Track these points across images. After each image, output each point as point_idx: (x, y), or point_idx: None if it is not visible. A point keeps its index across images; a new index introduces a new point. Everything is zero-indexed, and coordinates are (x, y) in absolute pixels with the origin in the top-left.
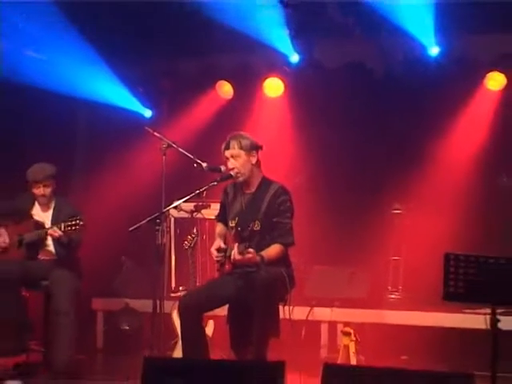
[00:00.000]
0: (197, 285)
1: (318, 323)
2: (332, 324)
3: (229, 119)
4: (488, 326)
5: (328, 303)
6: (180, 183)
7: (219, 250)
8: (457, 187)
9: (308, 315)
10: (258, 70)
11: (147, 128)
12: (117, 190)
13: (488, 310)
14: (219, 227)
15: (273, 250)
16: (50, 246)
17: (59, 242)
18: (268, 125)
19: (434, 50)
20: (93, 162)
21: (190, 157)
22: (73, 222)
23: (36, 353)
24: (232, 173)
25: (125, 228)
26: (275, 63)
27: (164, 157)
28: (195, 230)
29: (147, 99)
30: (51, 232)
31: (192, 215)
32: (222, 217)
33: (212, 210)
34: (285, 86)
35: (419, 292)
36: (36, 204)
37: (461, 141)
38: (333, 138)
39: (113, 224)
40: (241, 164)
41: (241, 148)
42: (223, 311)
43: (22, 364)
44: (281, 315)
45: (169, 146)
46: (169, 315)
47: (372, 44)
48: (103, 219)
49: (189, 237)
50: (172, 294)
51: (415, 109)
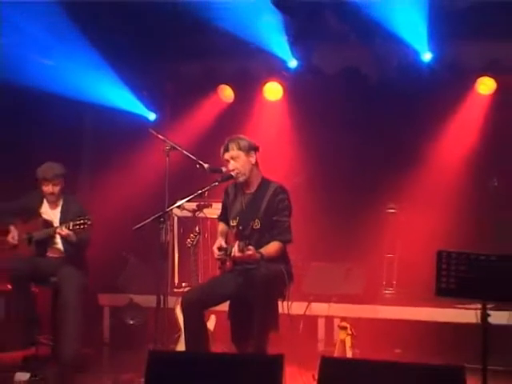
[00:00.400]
0: (199, 281)
1: (316, 318)
2: (329, 319)
3: (230, 122)
4: (479, 321)
5: (325, 299)
6: (183, 183)
7: (220, 249)
8: (448, 188)
9: (306, 310)
10: (258, 75)
11: (151, 130)
12: (122, 190)
13: (479, 306)
14: (221, 226)
15: (272, 247)
16: (59, 244)
17: (67, 240)
18: (268, 127)
19: (427, 56)
20: (99, 163)
21: (193, 158)
22: (81, 221)
23: (44, 346)
24: (233, 173)
25: (130, 226)
26: (274, 68)
27: (167, 158)
28: (197, 229)
29: (151, 102)
30: (59, 231)
31: (194, 214)
32: (224, 216)
33: (214, 209)
34: (284, 90)
35: (413, 288)
36: (45, 202)
37: (452, 143)
38: (330, 141)
39: (118, 223)
40: (241, 165)
41: (239, 149)
42: (224, 307)
43: (31, 357)
44: (280, 310)
45: (172, 148)
46: (172, 310)
47: (367, 50)
48: (109, 218)
49: (191, 235)
50: (175, 290)
51: (409, 112)
